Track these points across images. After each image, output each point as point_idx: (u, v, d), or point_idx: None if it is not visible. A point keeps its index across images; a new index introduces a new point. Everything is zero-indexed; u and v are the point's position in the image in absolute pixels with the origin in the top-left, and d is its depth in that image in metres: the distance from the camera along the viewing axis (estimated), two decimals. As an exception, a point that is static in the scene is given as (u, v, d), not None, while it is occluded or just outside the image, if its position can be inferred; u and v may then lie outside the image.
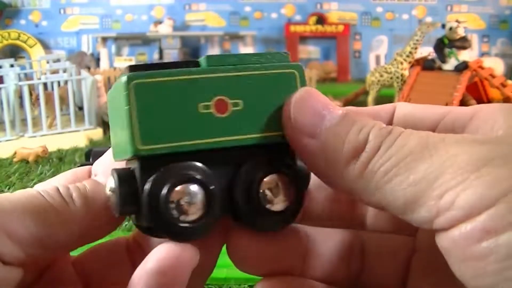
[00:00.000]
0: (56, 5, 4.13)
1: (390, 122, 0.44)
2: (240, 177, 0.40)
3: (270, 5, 4.09)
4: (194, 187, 0.37)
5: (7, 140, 2.25)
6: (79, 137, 2.34)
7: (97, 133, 2.42)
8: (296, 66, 0.41)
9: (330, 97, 2.88)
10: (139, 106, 0.38)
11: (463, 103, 2.68)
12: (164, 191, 0.37)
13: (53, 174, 1.90)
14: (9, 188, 1.75)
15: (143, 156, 0.38)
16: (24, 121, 2.35)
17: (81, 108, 2.63)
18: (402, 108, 0.44)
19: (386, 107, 0.45)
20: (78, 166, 1.17)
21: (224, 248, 0.41)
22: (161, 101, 0.40)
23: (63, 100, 2.46)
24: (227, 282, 1.07)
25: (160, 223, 0.37)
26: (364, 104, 3.00)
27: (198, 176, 0.37)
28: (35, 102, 2.35)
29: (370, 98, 2.79)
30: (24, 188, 1.36)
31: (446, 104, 2.47)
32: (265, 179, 0.40)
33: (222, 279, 1.08)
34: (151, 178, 0.37)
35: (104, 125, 2.48)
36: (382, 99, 3.01)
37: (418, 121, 0.41)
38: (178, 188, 0.37)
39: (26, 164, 2.03)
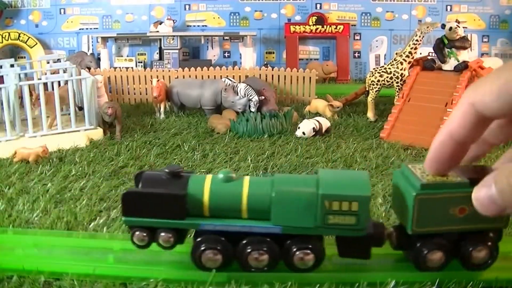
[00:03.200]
0: (56, 5, 4.13)
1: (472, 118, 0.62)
2: (461, 245, 1.05)
3: (270, 5, 4.09)
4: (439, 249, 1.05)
5: (7, 140, 2.25)
6: (79, 137, 2.34)
7: (98, 133, 2.42)
8: None
9: (330, 97, 2.89)
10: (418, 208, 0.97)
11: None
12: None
13: (53, 174, 1.90)
14: (9, 188, 1.75)
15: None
16: (24, 121, 2.35)
17: (81, 108, 2.63)
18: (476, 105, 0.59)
19: (463, 112, 0.63)
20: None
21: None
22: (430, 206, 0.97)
23: (63, 100, 2.47)
24: (227, 282, 1.07)
25: None
26: (364, 104, 3.00)
27: (443, 242, 1.04)
28: (35, 102, 2.35)
29: (370, 98, 2.79)
30: (24, 188, 1.36)
31: (446, 105, 2.47)
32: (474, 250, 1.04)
33: (223, 277, 1.08)
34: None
35: (104, 125, 2.48)
36: (382, 99, 3.02)
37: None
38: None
39: (26, 164, 2.03)
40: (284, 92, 3.30)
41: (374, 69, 2.82)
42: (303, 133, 2.40)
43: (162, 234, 1.07)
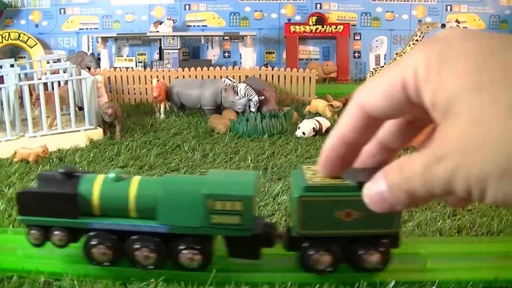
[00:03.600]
0: (56, 5, 4.13)
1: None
2: (351, 250, 1.03)
3: (270, 5, 4.10)
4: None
5: (7, 140, 2.25)
6: (79, 137, 2.34)
7: (97, 133, 2.42)
8: None
9: (330, 97, 2.89)
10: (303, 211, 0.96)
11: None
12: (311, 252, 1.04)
13: (53, 174, 1.90)
14: (9, 188, 1.75)
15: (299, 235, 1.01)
16: (24, 121, 2.35)
17: (81, 108, 2.63)
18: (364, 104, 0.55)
19: (352, 114, 0.58)
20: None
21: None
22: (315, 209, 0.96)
23: (63, 100, 2.47)
24: (228, 282, 1.07)
25: None
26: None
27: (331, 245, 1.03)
28: (35, 102, 2.36)
29: (370, 98, 2.79)
30: (24, 188, 1.36)
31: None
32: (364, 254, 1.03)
33: (224, 278, 1.09)
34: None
35: (104, 125, 2.48)
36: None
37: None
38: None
39: (26, 164, 2.03)
40: (284, 92, 3.30)
41: (374, 69, 2.83)
42: (303, 133, 2.40)
43: (56, 232, 1.09)
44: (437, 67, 0.47)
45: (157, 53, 4.10)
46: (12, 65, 2.69)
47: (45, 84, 2.46)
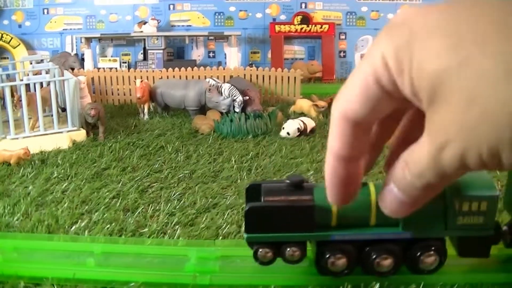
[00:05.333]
0: (39, 5, 4.10)
1: None
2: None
3: (255, 5, 4.09)
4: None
5: (-12, 143, 2.23)
6: (62, 138, 2.32)
7: (80, 135, 2.40)
8: None
9: (315, 97, 2.89)
10: None
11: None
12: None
13: (35, 177, 1.88)
14: (-10, 191, 1.73)
15: None
16: (6, 122, 2.33)
17: (64, 110, 2.61)
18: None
19: (339, 128, 0.52)
20: None
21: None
22: None
23: (46, 101, 2.44)
24: (210, 285, 1.06)
25: None
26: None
27: None
28: (17, 103, 2.33)
29: (354, 98, 2.79)
30: (5, 191, 1.34)
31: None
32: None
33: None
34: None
35: (87, 126, 2.46)
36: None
37: None
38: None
39: (8, 166, 2.01)
40: (269, 92, 3.30)
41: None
42: (288, 133, 2.40)
43: (293, 248, 1.03)
44: (408, 55, 0.44)
45: (142, 54, 4.08)
46: (-7, 66, 2.66)
47: (27, 85, 2.44)
